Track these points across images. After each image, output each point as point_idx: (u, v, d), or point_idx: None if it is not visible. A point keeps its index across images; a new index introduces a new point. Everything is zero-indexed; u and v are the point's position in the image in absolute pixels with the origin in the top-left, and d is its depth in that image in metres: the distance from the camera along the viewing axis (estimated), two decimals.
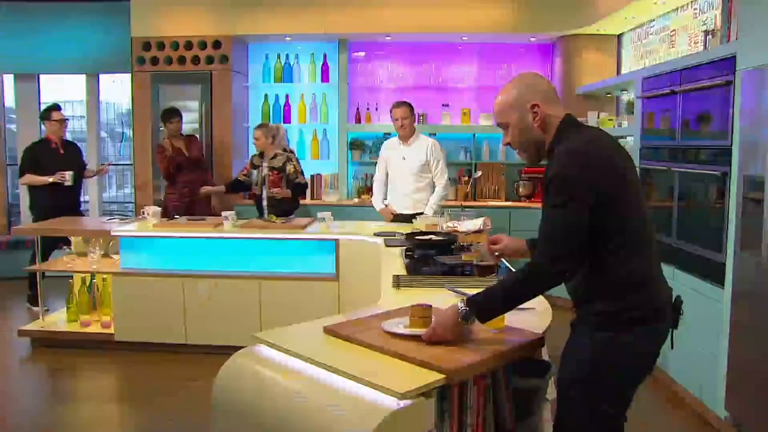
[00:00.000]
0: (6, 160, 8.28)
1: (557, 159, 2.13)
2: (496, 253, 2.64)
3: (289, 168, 5.87)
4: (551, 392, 2.71)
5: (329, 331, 2.23)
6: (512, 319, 2.33)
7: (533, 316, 2.57)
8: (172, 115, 6.29)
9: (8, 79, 8.32)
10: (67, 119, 6.31)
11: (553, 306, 2.74)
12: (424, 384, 1.81)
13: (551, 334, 2.39)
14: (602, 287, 2.16)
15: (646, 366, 2.25)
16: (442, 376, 1.86)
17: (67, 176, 5.95)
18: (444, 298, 2.80)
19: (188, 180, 6.24)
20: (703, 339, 3.88)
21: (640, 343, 2.16)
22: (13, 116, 8.45)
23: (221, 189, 6.27)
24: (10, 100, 8.40)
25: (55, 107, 6.29)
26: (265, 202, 5.84)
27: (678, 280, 4.18)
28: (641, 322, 2.14)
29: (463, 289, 2.87)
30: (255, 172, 5.94)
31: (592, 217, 2.06)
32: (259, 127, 5.95)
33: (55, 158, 6.12)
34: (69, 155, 6.26)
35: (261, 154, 5.95)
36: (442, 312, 2.17)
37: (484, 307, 2.12)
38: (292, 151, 6.28)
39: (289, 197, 5.84)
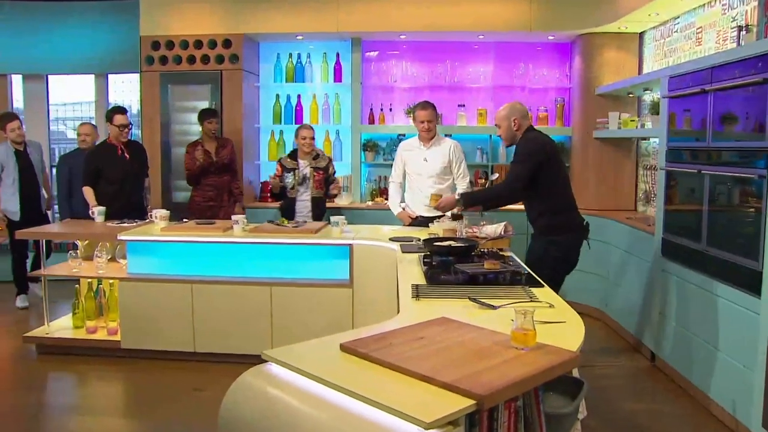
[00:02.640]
0: None
1: (521, 142, 4.27)
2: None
3: (331, 169, 5.90)
4: (582, 410, 2.54)
5: (346, 348, 2.05)
6: (543, 333, 2.15)
7: (564, 331, 2.40)
8: (211, 115, 6.14)
9: (17, 80, 8.21)
10: (131, 124, 5.98)
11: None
12: (452, 411, 1.63)
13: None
14: (546, 212, 4.21)
15: (570, 254, 4.25)
16: (472, 401, 1.68)
17: (96, 213, 5.53)
18: (469, 311, 2.63)
19: (214, 183, 6.06)
20: (737, 351, 3.68)
21: (564, 241, 4.19)
22: (22, 117, 8.33)
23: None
24: (18, 101, 8.28)
25: (119, 110, 5.94)
26: (309, 204, 5.74)
27: (709, 289, 3.98)
28: (563, 230, 4.20)
29: (488, 301, 2.69)
30: (289, 175, 5.73)
31: (540, 171, 4.12)
32: (310, 127, 5.85)
33: (119, 163, 5.82)
34: (134, 158, 5.93)
35: (293, 156, 5.80)
36: (448, 196, 4.61)
37: (469, 197, 4.48)
38: (323, 152, 6.15)
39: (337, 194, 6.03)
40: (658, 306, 4.72)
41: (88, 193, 5.77)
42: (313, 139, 5.76)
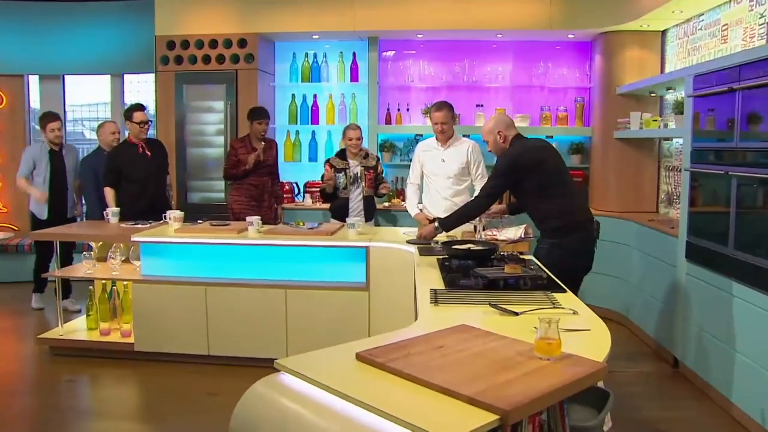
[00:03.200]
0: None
1: (499, 158, 4.21)
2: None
3: (379, 168, 5.84)
4: (607, 421, 2.44)
5: (362, 358, 1.96)
6: (567, 342, 2.05)
7: (589, 339, 2.30)
8: (263, 116, 5.94)
9: (33, 80, 8.20)
10: (150, 121, 5.86)
11: None
12: (474, 428, 1.54)
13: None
14: (545, 216, 4.05)
15: (578, 257, 4.04)
16: (496, 416, 1.59)
17: (110, 214, 5.46)
18: (489, 317, 2.54)
19: (256, 182, 5.93)
20: (766, 358, 3.56)
21: (569, 243, 3.98)
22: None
23: None
24: (35, 101, 8.28)
25: (138, 107, 5.76)
26: (361, 204, 5.67)
27: (736, 293, 3.86)
28: (568, 232, 3.98)
29: (509, 307, 2.59)
30: (340, 175, 5.63)
31: (531, 180, 4.02)
32: (357, 126, 5.73)
33: (141, 162, 5.69)
34: (155, 156, 5.79)
35: (342, 156, 5.72)
36: (427, 226, 4.31)
37: (445, 222, 4.12)
38: (371, 151, 6.11)
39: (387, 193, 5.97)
40: (682, 310, 4.60)
41: (109, 194, 5.68)
42: (359, 139, 5.67)
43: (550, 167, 4.08)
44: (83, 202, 6.61)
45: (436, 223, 4.14)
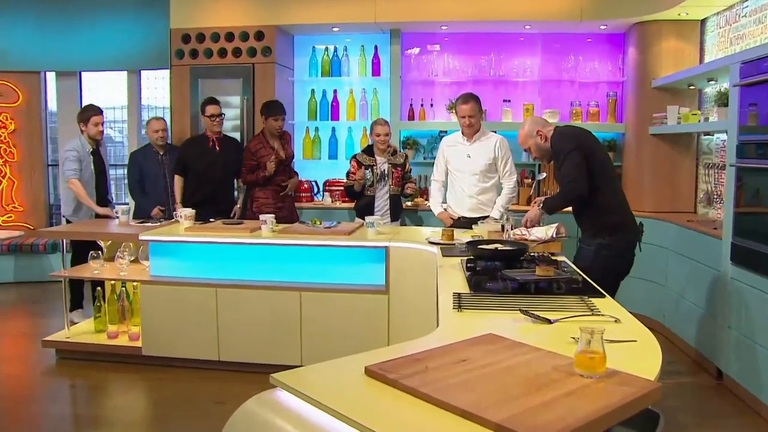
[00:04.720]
0: (48, 159, 8.05)
1: (553, 143, 3.87)
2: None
3: (407, 166, 5.62)
4: None
5: (372, 373, 1.68)
6: (611, 355, 1.73)
7: (636, 352, 2.02)
8: (279, 111, 5.65)
9: (50, 77, 8.05)
10: (223, 114, 5.77)
11: None
12: None
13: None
14: (592, 214, 3.80)
15: (623, 258, 3.80)
16: None
17: (120, 212, 5.24)
18: (519, 325, 2.25)
19: (281, 181, 5.70)
20: None
21: (616, 243, 3.73)
22: (55, 116, 8.20)
23: None
24: (52, 99, 8.13)
25: (211, 101, 5.70)
26: (387, 203, 5.43)
27: None
28: (614, 231, 3.75)
29: (542, 314, 2.30)
30: (367, 171, 5.39)
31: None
32: (384, 122, 5.50)
33: (206, 155, 5.62)
34: (224, 152, 5.69)
35: (368, 152, 5.48)
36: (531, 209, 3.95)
37: (548, 203, 3.86)
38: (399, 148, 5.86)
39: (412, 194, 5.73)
40: (726, 318, 4.26)
41: (177, 183, 5.69)
42: (387, 135, 5.43)
43: (598, 156, 3.85)
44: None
45: (539, 205, 3.90)
